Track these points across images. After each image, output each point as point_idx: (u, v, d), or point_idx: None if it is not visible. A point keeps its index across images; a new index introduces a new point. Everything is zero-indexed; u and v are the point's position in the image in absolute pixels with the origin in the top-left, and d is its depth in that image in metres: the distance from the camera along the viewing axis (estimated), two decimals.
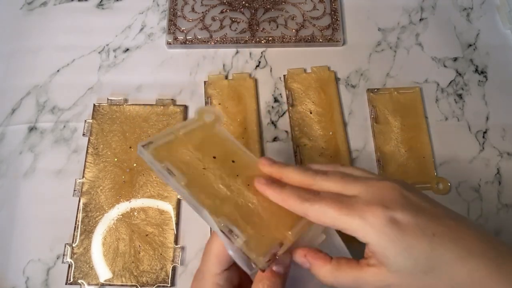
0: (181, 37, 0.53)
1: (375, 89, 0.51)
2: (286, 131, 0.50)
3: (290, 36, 0.53)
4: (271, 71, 0.53)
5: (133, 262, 0.43)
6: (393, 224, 0.25)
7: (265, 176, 0.31)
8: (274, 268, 0.28)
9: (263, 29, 0.54)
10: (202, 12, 0.55)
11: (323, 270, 0.28)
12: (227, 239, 0.28)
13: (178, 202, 0.46)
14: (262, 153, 0.48)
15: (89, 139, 0.48)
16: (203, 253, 0.31)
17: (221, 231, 0.28)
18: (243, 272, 0.30)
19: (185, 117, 0.50)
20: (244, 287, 0.31)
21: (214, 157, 0.33)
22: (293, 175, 0.31)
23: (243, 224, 0.28)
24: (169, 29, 0.54)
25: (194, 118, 0.35)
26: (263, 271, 0.27)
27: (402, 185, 0.28)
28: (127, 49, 0.54)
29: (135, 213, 0.45)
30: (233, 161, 0.34)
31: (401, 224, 0.25)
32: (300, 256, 0.29)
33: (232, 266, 0.30)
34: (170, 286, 0.43)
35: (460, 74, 0.53)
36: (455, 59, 0.54)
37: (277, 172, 0.32)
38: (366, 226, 0.25)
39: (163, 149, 0.32)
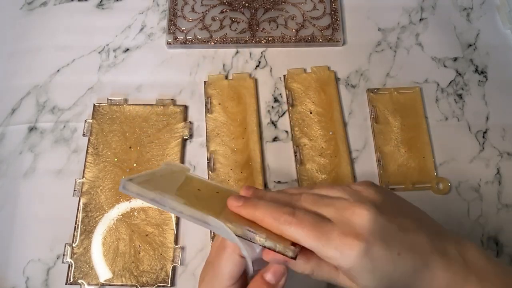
0: (181, 37, 0.53)
1: (375, 89, 0.51)
2: (286, 131, 0.50)
3: (290, 36, 0.53)
4: (271, 71, 0.53)
5: (133, 262, 0.43)
6: (365, 255, 0.27)
7: (236, 196, 0.31)
8: (267, 277, 0.29)
9: (263, 29, 0.54)
10: (202, 12, 0.55)
11: (304, 266, 0.30)
12: (246, 242, 0.28)
13: None
14: (262, 153, 0.48)
15: (89, 139, 0.48)
16: (210, 269, 0.31)
17: (239, 236, 0.28)
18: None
19: (185, 117, 0.50)
20: None
21: (199, 190, 0.34)
22: (265, 212, 0.30)
23: (254, 226, 0.29)
24: (169, 29, 0.54)
25: (161, 168, 0.35)
26: (295, 258, 0.28)
27: (373, 205, 0.29)
28: (127, 49, 0.54)
29: (135, 213, 0.45)
30: (217, 192, 0.35)
31: (373, 254, 0.27)
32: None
33: (239, 280, 0.31)
34: (170, 286, 0.43)
35: (460, 74, 0.53)
36: (455, 59, 0.54)
37: (246, 213, 0.30)
38: (341, 257, 0.27)
39: (148, 183, 0.31)
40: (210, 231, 0.45)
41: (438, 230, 0.31)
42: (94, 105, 0.50)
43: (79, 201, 0.45)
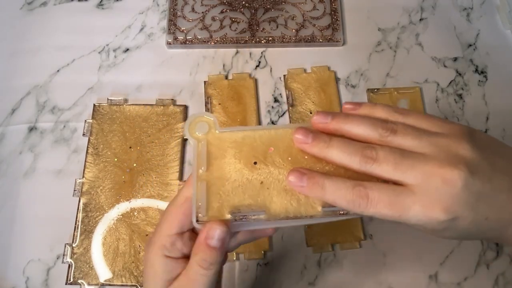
0: (181, 37, 0.53)
1: (375, 89, 0.51)
2: None
3: (290, 36, 0.53)
4: (271, 71, 0.53)
5: (133, 262, 0.43)
6: (450, 224, 0.25)
7: (295, 170, 0.27)
8: (211, 243, 0.26)
9: (263, 29, 0.54)
10: (202, 12, 0.55)
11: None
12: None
13: None
14: None
15: (89, 139, 0.48)
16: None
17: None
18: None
19: (185, 117, 0.50)
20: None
21: (255, 163, 0.28)
22: (337, 156, 0.27)
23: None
24: (169, 29, 0.54)
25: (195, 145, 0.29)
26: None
27: (466, 168, 0.25)
28: (127, 49, 0.54)
29: (135, 213, 0.45)
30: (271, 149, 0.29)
31: (458, 223, 0.26)
32: None
33: (185, 236, 0.28)
34: None
35: (460, 74, 0.53)
36: (455, 59, 0.54)
37: (319, 152, 0.27)
38: (424, 226, 0.26)
39: (214, 201, 0.27)
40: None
41: None
42: (94, 105, 0.50)
43: (79, 201, 0.45)
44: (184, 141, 0.49)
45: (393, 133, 0.27)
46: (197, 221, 0.26)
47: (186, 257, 0.28)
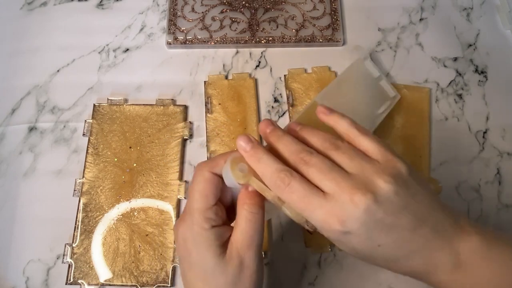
0: (181, 37, 0.53)
1: None
2: None
3: (290, 36, 0.53)
4: (271, 71, 0.53)
5: (133, 262, 0.43)
6: (343, 239, 0.29)
7: (246, 138, 0.31)
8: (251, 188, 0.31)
9: (263, 29, 0.54)
10: (202, 12, 0.55)
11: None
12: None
13: (178, 202, 0.46)
14: None
15: (89, 139, 0.48)
16: (188, 196, 0.32)
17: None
18: (228, 206, 0.33)
19: (185, 117, 0.50)
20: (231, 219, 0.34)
21: None
22: (263, 170, 0.30)
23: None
24: (169, 29, 0.54)
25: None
26: (311, 233, 0.31)
27: (374, 197, 0.28)
28: (127, 49, 0.54)
29: (135, 213, 0.45)
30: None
31: (351, 240, 0.29)
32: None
33: (218, 201, 0.32)
34: (170, 286, 0.43)
35: (460, 74, 0.53)
36: (455, 59, 0.54)
37: (250, 162, 0.31)
38: (322, 231, 0.30)
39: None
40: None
41: (439, 227, 0.30)
42: (94, 105, 0.50)
43: (79, 201, 0.45)
44: (184, 141, 0.49)
45: (335, 149, 0.31)
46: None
47: (225, 223, 0.32)
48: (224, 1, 0.55)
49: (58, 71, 0.53)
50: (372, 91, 0.47)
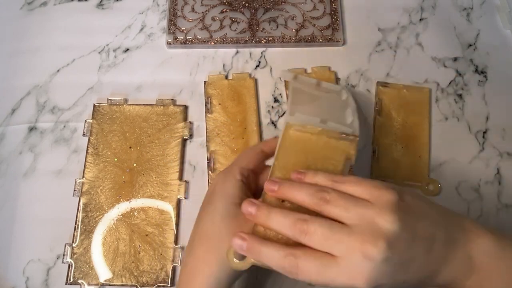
0: (181, 37, 0.53)
1: (385, 82, 0.51)
2: None
3: (290, 36, 0.53)
4: (271, 71, 0.53)
5: (133, 262, 0.43)
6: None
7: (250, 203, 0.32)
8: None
9: (263, 29, 0.54)
10: (202, 12, 0.55)
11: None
12: None
13: (178, 202, 0.46)
14: None
15: (89, 139, 0.48)
16: (236, 157, 0.38)
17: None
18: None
19: (185, 117, 0.50)
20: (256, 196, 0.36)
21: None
22: (276, 226, 0.30)
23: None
24: (169, 29, 0.54)
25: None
26: None
27: (386, 244, 0.28)
28: (127, 49, 0.54)
29: (135, 213, 0.45)
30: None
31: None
32: None
33: (254, 174, 0.37)
34: (170, 286, 0.43)
35: (460, 74, 0.53)
36: (455, 59, 0.54)
37: (263, 222, 0.31)
38: None
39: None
40: None
41: (448, 238, 0.30)
42: (94, 105, 0.50)
43: (79, 201, 0.45)
44: (184, 141, 0.49)
45: (326, 203, 0.30)
46: None
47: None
48: (224, 1, 0.55)
49: (58, 71, 0.53)
50: (325, 99, 0.42)
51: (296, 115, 0.35)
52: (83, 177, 0.46)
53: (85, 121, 0.49)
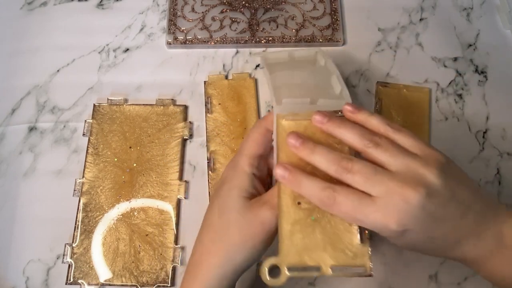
0: (181, 37, 0.53)
1: (385, 82, 0.51)
2: None
3: (290, 36, 0.53)
4: None
5: (133, 262, 0.43)
6: (399, 235, 0.29)
7: (295, 136, 0.32)
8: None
9: (263, 29, 0.54)
10: (202, 12, 0.55)
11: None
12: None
13: (178, 202, 0.46)
14: None
15: (89, 139, 0.48)
16: (242, 144, 0.36)
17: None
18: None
19: (185, 117, 0.50)
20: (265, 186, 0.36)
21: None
22: (319, 161, 0.31)
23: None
24: (169, 29, 0.54)
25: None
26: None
27: (426, 189, 0.28)
28: (127, 49, 0.54)
29: (135, 213, 0.45)
30: None
31: (406, 235, 0.29)
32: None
33: (263, 159, 0.36)
34: (170, 286, 0.43)
35: (460, 74, 0.53)
36: (455, 59, 0.54)
37: (305, 156, 0.32)
38: (378, 231, 0.30)
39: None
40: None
41: (483, 211, 0.31)
42: (94, 105, 0.50)
43: (79, 201, 0.45)
44: (184, 141, 0.49)
45: (375, 147, 0.30)
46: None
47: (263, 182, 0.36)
48: (224, 1, 0.55)
49: (58, 71, 0.53)
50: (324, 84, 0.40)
51: (284, 103, 0.34)
52: (83, 177, 0.46)
53: (85, 121, 0.49)
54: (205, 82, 0.51)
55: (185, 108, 0.50)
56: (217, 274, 0.33)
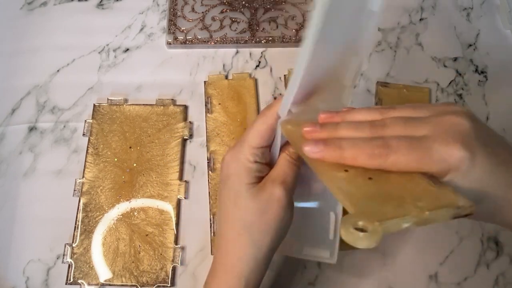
0: (181, 37, 0.53)
1: (385, 82, 0.51)
2: None
3: (290, 36, 0.53)
4: (271, 71, 0.53)
5: (133, 262, 0.43)
6: (470, 163, 0.25)
7: (311, 126, 0.29)
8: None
9: (263, 29, 0.54)
10: (202, 12, 0.55)
11: None
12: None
13: (178, 202, 0.46)
14: None
15: (89, 139, 0.48)
16: (245, 132, 0.34)
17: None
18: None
19: (185, 117, 0.50)
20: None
21: None
22: (355, 152, 0.27)
23: None
24: (169, 29, 0.54)
25: None
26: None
27: (468, 116, 0.26)
28: (127, 49, 0.54)
29: (135, 213, 0.45)
30: None
31: (476, 161, 0.25)
32: None
33: (267, 149, 0.34)
34: (170, 286, 0.43)
35: (460, 74, 0.53)
36: (455, 59, 0.54)
37: (331, 156, 0.28)
38: (446, 168, 0.25)
39: None
40: (210, 230, 0.45)
41: None
42: (94, 105, 0.50)
43: (79, 201, 0.45)
44: (184, 141, 0.49)
45: (392, 109, 0.29)
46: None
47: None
48: (224, 1, 0.55)
49: (58, 71, 0.53)
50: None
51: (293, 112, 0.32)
52: (83, 177, 0.46)
53: (85, 121, 0.49)
54: (205, 82, 0.51)
55: (185, 108, 0.50)
56: (248, 263, 0.32)
